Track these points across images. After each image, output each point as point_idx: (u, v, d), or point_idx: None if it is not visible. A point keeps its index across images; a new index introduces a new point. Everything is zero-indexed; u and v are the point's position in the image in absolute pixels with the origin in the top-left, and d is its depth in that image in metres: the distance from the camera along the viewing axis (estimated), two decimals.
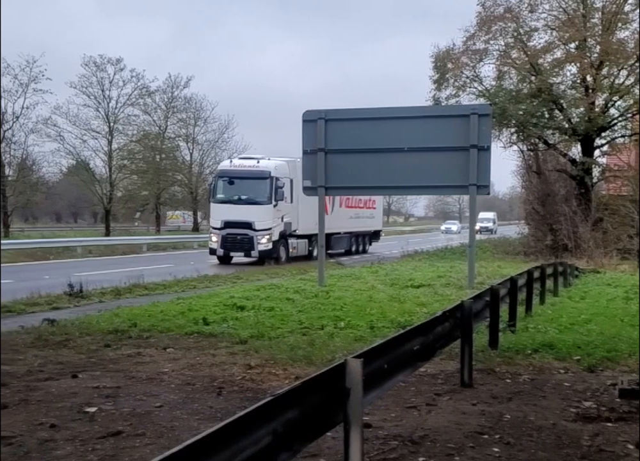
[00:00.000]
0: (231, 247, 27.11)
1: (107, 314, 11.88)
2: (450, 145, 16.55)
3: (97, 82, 48.38)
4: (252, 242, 26.59)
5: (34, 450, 5.08)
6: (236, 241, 26.82)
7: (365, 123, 17.41)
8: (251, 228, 26.46)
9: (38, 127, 45.75)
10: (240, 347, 9.15)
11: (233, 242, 26.91)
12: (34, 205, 53.72)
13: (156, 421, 5.90)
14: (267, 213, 26.71)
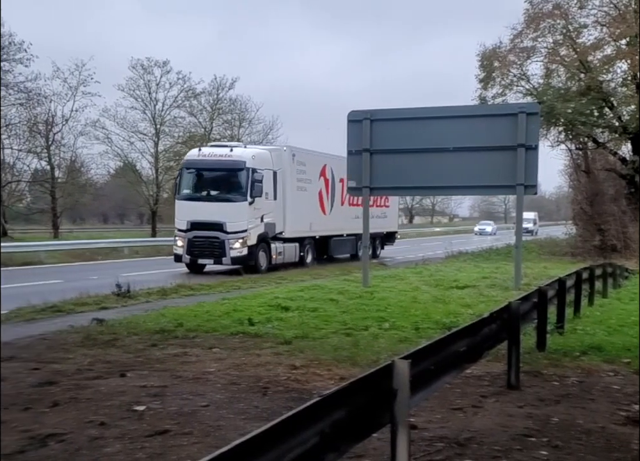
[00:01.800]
0: (199, 253, 22.54)
1: (153, 314, 12.02)
2: (497, 145, 16.35)
3: (144, 85, 48.98)
4: (223, 247, 22.10)
5: (84, 447, 5.16)
6: (204, 246, 22.35)
7: (411, 123, 17.28)
8: (222, 230, 22.07)
9: (87, 129, 46.51)
10: (285, 348, 9.17)
11: (201, 247, 22.42)
12: (83, 206, 54.67)
13: (202, 420, 5.95)
14: (242, 212, 22.20)
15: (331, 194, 27.64)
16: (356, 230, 28.53)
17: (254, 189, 22.30)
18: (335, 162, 27.22)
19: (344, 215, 28.08)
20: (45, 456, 4.95)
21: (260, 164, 22.81)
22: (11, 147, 40.33)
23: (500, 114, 17.13)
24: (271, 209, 23.31)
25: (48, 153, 43.14)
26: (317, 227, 26.12)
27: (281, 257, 24.01)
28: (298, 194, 24.81)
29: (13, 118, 39.35)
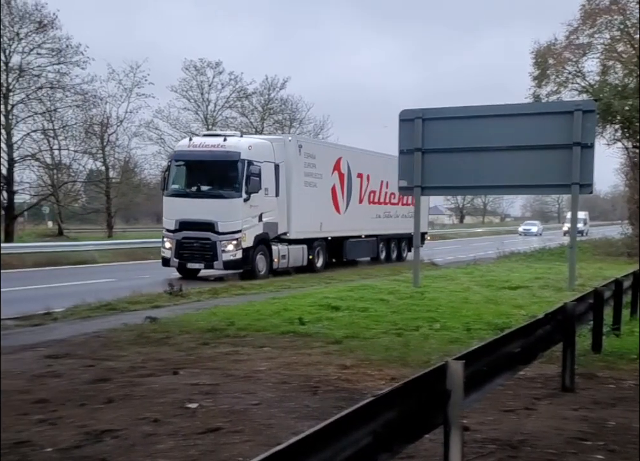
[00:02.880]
0: (188, 256, 19.85)
1: (205, 313, 12.14)
2: (551, 143, 16.07)
3: (197, 86, 49.59)
4: (215, 250, 19.53)
5: (138, 443, 5.24)
6: (194, 248, 19.75)
7: (463, 121, 17.08)
8: (214, 230, 19.51)
9: (141, 130, 47.27)
10: (335, 347, 9.16)
11: (191, 249, 19.80)
12: (136, 206, 55.53)
13: (254, 418, 5.98)
14: (235, 210, 19.65)
15: (347, 190, 25.14)
16: (376, 231, 26.95)
17: (250, 184, 19.70)
18: (352, 155, 25.58)
19: (362, 214, 25.97)
20: (101, 452, 5.04)
21: (258, 156, 20.26)
22: (68, 148, 41.19)
23: (555, 112, 16.81)
24: (271, 206, 20.82)
25: (103, 154, 43.95)
26: (330, 227, 23.86)
27: (285, 260, 21.50)
28: (306, 191, 22.45)
29: (70, 120, 40.18)
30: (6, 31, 35.26)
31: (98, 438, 5.32)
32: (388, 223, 28.04)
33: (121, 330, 10.48)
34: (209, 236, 19.53)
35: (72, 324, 11.36)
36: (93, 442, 5.24)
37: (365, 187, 26.53)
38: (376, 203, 27.41)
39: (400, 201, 28.79)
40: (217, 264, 19.71)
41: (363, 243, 26.18)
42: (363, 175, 26.25)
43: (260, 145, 21.25)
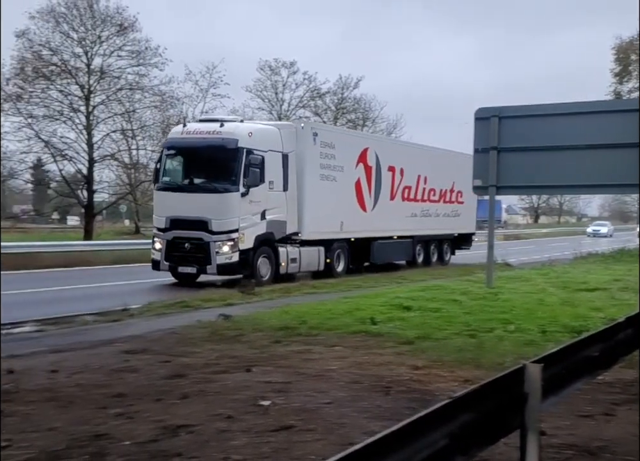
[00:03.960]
0: (179, 259, 17.52)
1: (277, 311, 12.24)
2: (632, 141, 15.57)
3: (271, 86, 50.10)
4: (208, 252, 17.15)
5: (212, 439, 5.31)
6: (185, 250, 17.41)
7: (540, 119, 16.67)
8: (207, 229, 17.17)
9: None
10: (407, 348, 9.10)
11: (182, 251, 17.47)
12: None
13: (325, 417, 5.99)
14: (231, 206, 17.25)
15: (376, 185, 22.36)
16: (412, 231, 24.18)
17: (248, 176, 17.24)
18: (382, 146, 23.37)
19: (394, 212, 23.15)
20: (176, 446, 5.13)
21: (260, 144, 17.76)
22: (145, 148, 42.13)
23: (637, 110, 16.28)
24: (278, 202, 18.32)
25: None
26: (353, 227, 21.24)
27: (295, 264, 18.96)
28: (323, 185, 19.93)
29: (148, 120, 41.08)
30: (88, 34, 36.36)
31: (173, 433, 5.42)
32: (427, 223, 25.34)
33: (195, 326, 10.65)
34: (202, 236, 17.13)
35: (148, 321, 11.64)
36: (169, 437, 5.34)
37: (398, 182, 23.71)
38: (412, 201, 24.56)
39: (441, 198, 26.37)
40: (210, 268, 17.22)
41: (395, 245, 23.44)
42: (396, 168, 23.48)
43: (264, 131, 18.72)
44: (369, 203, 22.13)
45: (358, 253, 21.81)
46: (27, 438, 5.20)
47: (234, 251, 17.14)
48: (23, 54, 34.71)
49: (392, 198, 23.36)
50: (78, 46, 36.54)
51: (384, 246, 22.62)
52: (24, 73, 34.17)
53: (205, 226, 17.09)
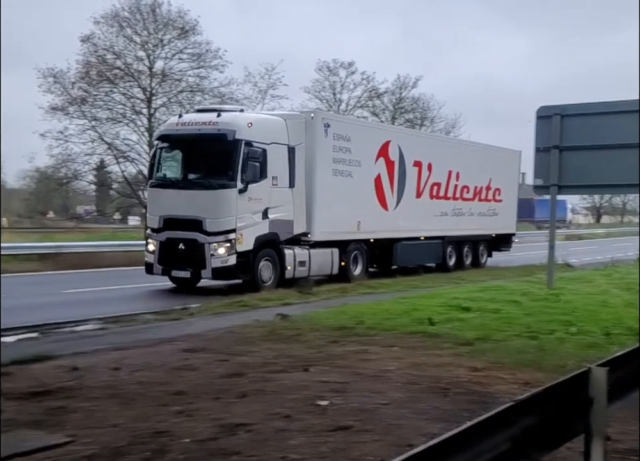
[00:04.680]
0: (172, 262, 16.00)
1: (333, 311, 12.24)
2: None
3: (329, 86, 50.18)
4: (202, 254, 15.55)
5: (271, 438, 5.33)
6: (179, 252, 15.83)
7: (603, 118, 16.19)
8: (201, 229, 15.58)
9: None
10: (465, 349, 8.99)
11: (175, 253, 15.88)
12: None
13: (383, 418, 5.96)
14: (227, 204, 15.60)
15: (399, 182, 20.50)
16: (442, 231, 22.19)
17: (247, 171, 15.62)
18: (406, 139, 21.40)
19: (421, 211, 21.34)
20: (235, 445, 5.17)
21: (261, 136, 16.13)
22: None
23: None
24: (283, 200, 16.64)
25: None
26: (372, 227, 19.48)
27: (304, 268, 17.20)
28: (336, 181, 18.23)
29: None
30: (150, 38, 37.02)
31: (232, 432, 5.46)
32: (459, 222, 23.28)
33: (253, 326, 10.73)
34: (195, 237, 15.58)
35: (207, 320, 11.77)
36: (228, 435, 5.38)
37: (425, 178, 21.77)
38: (442, 199, 22.49)
39: (476, 196, 24.15)
40: (205, 272, 15.68)
41: (422, 246, 21.43)
42: (423, 163, 21.58)
43: (267, 122, 17.08)
44: (391, 201, 20.28)
45: (379, 255, 20.23)
46: (91, 434, 5.31)
47: (231, 253, 15.48)
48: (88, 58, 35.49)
49: (418, 195, 21.46)
50: (141, 49, 37.22)
51: (410, 248, 20.73)
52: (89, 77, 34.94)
53: (200, 227, 15.52)
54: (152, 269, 16.34)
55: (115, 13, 36.01)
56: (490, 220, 24.93)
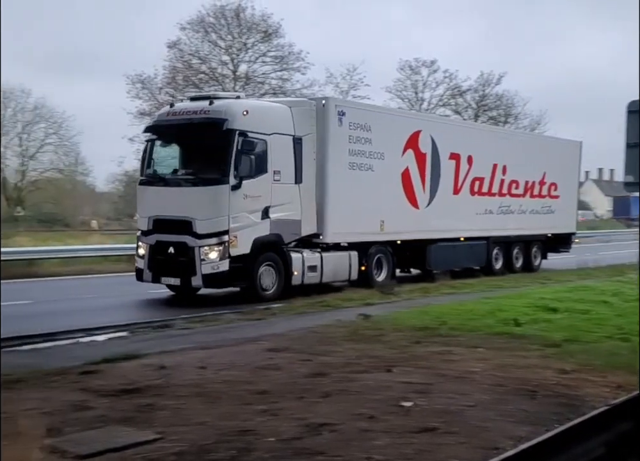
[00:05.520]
0: (162, 268, 14.29)
1: (416, 311, 12.15)
2: None
3: (411, 86, 49.89)
4: (193, 259, 13.77)
5: (355, 438, 5.32)
6: (168, 257, 14.12)
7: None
8: (191, 231, 13.83)
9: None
10: (553, 351, 8.77)
11: (165, 258, 14.17)
12: None
13: (469, 420, 5.87)
14: (219, 202, 13.80)
15: (432, 176, 18.33)
16: (486, 232, 19.94)
17: (241, 164, 13.77)
18: (440, 129, 19.15)
19: (459, 209, 19.12)
20: (319, 444, 5.18)
21: (259, 125, 14.27)
22: None
23: None
24: (287, 197, 14.80)
25: None
26: (399, 227, 17.41)
27: (314, 273, 15.27)
28: (353, 176, 16.20)
29: None
30: (234, 42, 37.71)
31: (316, 431, 5.48)
32: (507, 221, 20.95)
33: (335, 326, 10.74)
34: (185, 240, 13.86)
35: (289, 320, 11.87)
36: (312, 435, 5.40)
37: (464, 172, 19.47)
38: (485, 195, 20.18)
39: (527, 192, 21.71)
40: (195, 279, 13.84)
41: (462, 248, 19.33)
42: (461, 155, 19.32)
43: (267, 109, 15.27)
44: (422, 199, 18.09)
45: (408, 258, 18.14)
46: (178, 432, 5.42)
47: (223, 258, 13.68)
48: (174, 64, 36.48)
49: (456, 191, 19.18)
50: (225, 54, 37.98)
51: (446, 250, 18.58)
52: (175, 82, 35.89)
53: (189, 228, 13.80)
54: (142, 275, 14.63)
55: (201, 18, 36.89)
56: (545, 218, 22.47)
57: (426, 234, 18.02)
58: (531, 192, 21.91)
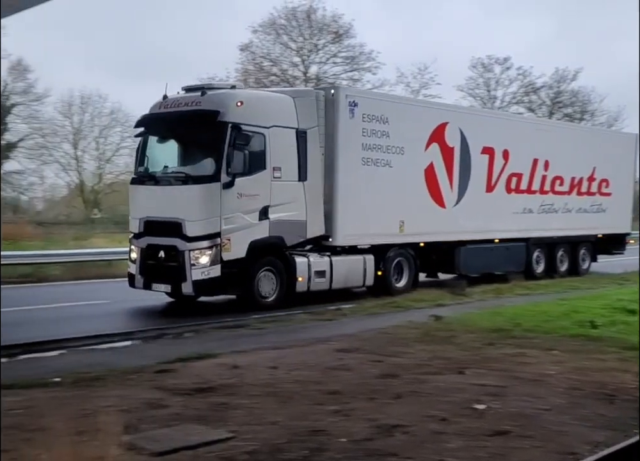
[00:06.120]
0: (153, 273, 13.19)
1: (488, 312, 11.99)
2: None
3: (483, 83, 49.28)
4: (183, 264, 12.63)
5: (427, 441, 5.28)
6: (159, 261, 13.01)
7: None
8: (180, 233, 12.68)
9: None
10: (632, 354, 8.50)
11: (155, 262, 13.08)
12: None
13: (544, 424, 5.76)
14: (209, 201, 12.65)
15: (461, 173, 16.83)
16: (525, 232, 18.44)
17: (234, 160, 12.56)
18: (469, 121, 17.42)
19: (494, 208, 17.59)
20: (391, 446, 5.16)
21: (256, 117, 13.08)
22: None
23: None
24: (290, 196, 13.56)
25: None
26: (422, 228, 15.90)
27: (323, 279, 13.99)
28: (368, 172, 14.84)
29: None
30: (305, 44, 38.00)
31: (388, 433, 5.46)
32: (551, 221, 19.31)
33: (406, 327, 10.69)
34: (175, 243, 12.75)
35: (360, 320, 11.86)
36: (384, 436, 5.39)
37: (499, 168, 17.93)
38: (524, 192, 18.61)
39: (573, 189, 19.99)
40: (185, 285, 12.67)
41: (497, 251, 17.81)
42: (495, 150, 17.79)
43: (266, 100, 14.07)
44: (450, 197, 16.60)
45: (435, 262, 16.71)
46: (251, 431, 5.48)
47: (215, 262, 12.52)
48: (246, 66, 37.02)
49: (489, 189, 17.62)
50: (296, 55, 38.31)
51: (478, 252, 17.11)
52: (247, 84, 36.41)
53: (179, 230, 12.67)
54: (134, 281, 13.54)
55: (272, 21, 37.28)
56: (594, 218, 20.66)
57: (454, 235, 16.59)
58: (578, 189, 20.26)
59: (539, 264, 19.28)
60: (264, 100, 13.97)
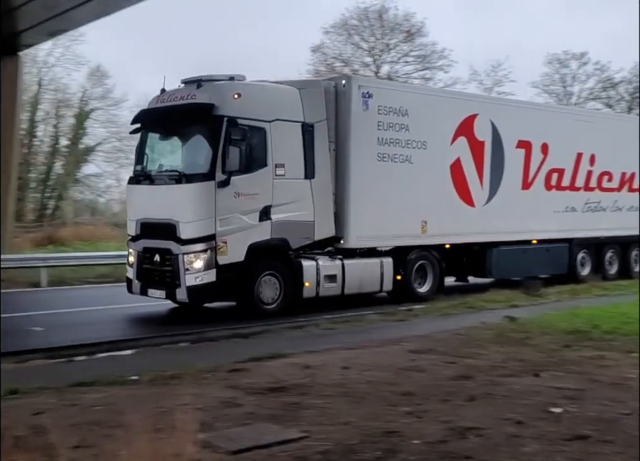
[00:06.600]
0: (149, 278, 12.53)
1: (565, 314, 11.74)
2: None
3: (559, 79, 48.26)
4: (177, 268, 11.91)
5: (502, 444, 5.18)
6: (154, 265, 12.37)
7: None
8: (174, 235, 11.96)
9: None
10: None
11: (151, 266, 12.46)
12: None
13: (625, 429, 5.57)
14: (204, 201, 11.83)
15: (493, 169, 15.69)
16: (568, 233, 17.16)
17: (230, 157, 11.77)
18: (502, 112, 16.18)
19: (530, 207, 16.38)
20: (465, 449, 5.09)
21: (256, 110, 12.31)
22: None
23: None
24: (295, 195, 12.73)
25: None
26: (447, 228, 14.90)
27: (334, 284, 13.09)
28: (384, 169, 13.84)
29: None
30: (377, 44, 37.92)
31: (462, 435, 5.38)
32: (597, 220, 17.92)
33: (480, 328, 10.54)
34: (170, 246, 12.00)
35: (432, 321, 11.80)
36: (458, 438, 5.31)
37: (537, 163, 16.68)
38: (567, 189, 17.29)
39: (623, 185, 18.52)
40: (180, 291, 11.92)
41: (535, 253, 16.55)
42: (533, 143, 16.54)
43: (267, 92, 13.04)
44: (480, 195, 15.49)
45: (463, 264, 15.70)
46: (324, 431, 5.49)
47: (210, 267, 11.74)
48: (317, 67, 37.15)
49: (525, 186, 16.44)
50: (367, 55, 38.27)
51: (512, 255, 15.94)
52: None
53: (174, 233, 11.92)
54: (131, 286, 12.89)
55: (344, 21, 37.31)
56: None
57: (484, 236, 15.41)
58: (629, 185, 18.77)
59: (585, 267, 18.05)
60: (265, 92, 12.96)
